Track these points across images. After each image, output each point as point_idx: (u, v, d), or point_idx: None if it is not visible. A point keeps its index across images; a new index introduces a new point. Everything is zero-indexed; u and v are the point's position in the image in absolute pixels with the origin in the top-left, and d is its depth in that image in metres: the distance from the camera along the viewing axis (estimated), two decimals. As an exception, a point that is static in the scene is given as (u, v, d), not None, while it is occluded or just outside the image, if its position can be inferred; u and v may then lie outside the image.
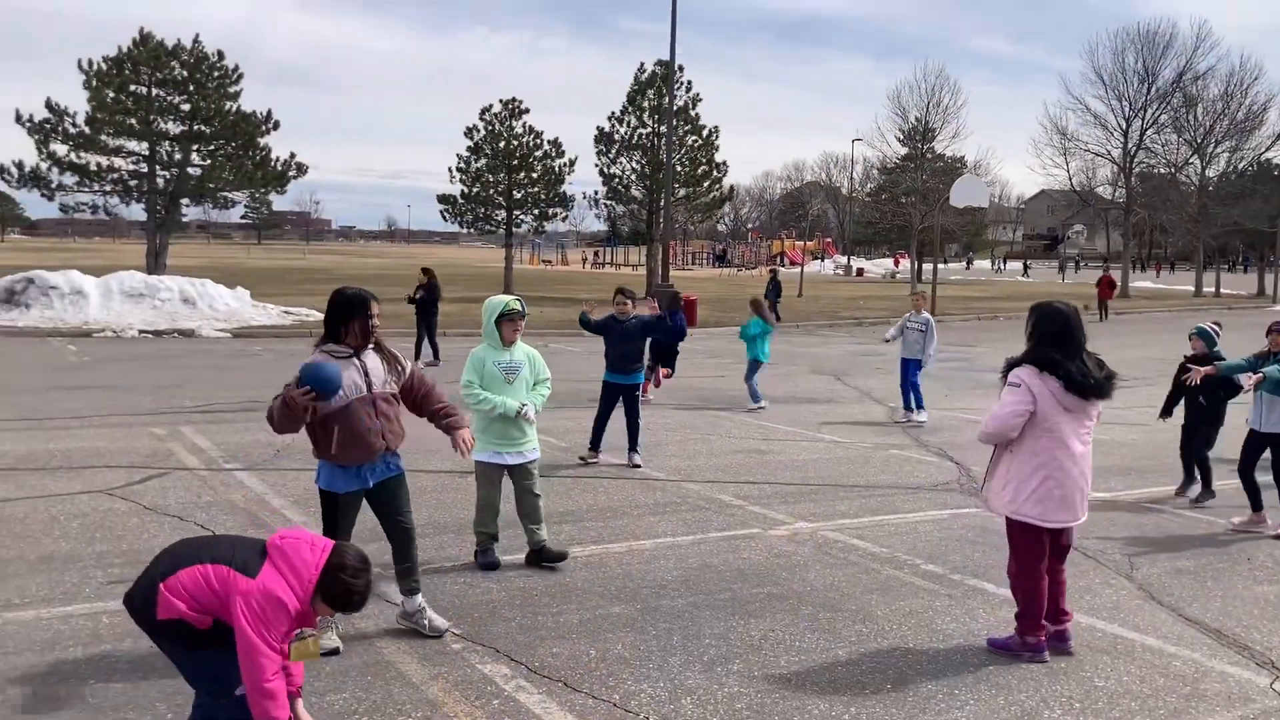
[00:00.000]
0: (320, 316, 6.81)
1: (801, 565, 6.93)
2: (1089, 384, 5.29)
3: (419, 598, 5.52)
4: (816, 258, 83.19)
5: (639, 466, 9.88)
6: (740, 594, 6.31)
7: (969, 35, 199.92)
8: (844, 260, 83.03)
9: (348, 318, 5.26)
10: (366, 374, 5.25)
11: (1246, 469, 8.21)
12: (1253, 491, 8.19)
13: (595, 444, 10.13)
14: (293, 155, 35.48)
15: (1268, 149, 54.04)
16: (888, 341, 14.47)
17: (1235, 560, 7.31)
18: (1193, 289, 53.66)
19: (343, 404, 5.13)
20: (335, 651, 5.08)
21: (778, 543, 7.47)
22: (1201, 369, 8.12)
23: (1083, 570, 6.85)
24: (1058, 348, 5.34)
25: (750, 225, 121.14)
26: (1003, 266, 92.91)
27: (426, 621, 5.45)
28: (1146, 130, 51.55)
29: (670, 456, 10.55)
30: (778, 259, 75.34)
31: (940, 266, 54.47)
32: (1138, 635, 5.76)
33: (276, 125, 35.16)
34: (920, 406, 13.44)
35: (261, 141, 35.21)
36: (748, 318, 14.60)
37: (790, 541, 7.50)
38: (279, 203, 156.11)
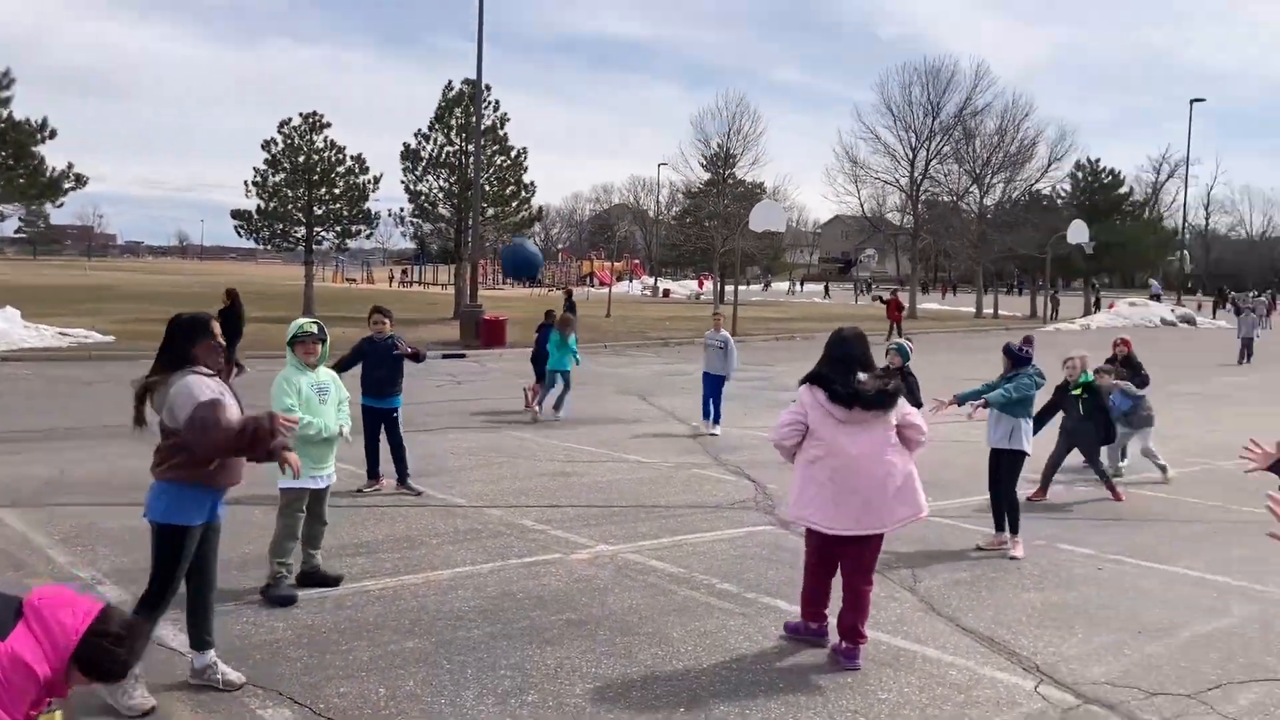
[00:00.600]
0: (101, 338, 6.48)
1: (601, 589, 6.93)
2: (851, 394, 5.64)
3: (211, 652, 5.18)
4: (624, 279, 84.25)
5: (420, 493, 9.63)
6: (539, 622, 6.26)
7: (772, 66, 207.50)
8: (651, 281, 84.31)
9: (192, 341, 5.02)
10: (234, 397, 5.07)
11: (992, 486, 8.46)
12: (996, 511, 8.42)
13: (372, 472, 9.83)
14: (70, 165, 33.33)
15: (1037, 181, 58.17)
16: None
17: (1007, 570, 7.75)
18: (974, 310, 56.96)
19: None
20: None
21: (579, 567, 7.45)
22: (945, 403, 8.52)
23: (869, 584, 7.11)
24: (834, 365, 5.78)
25: (561, 245, 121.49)
26: (799, 288, 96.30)
27: (219, 676, 5.12)
28: (931, 160, 54.54)
29: (473, 481, 10.40)
30: (587, 279, 75.85)
31: (741, 288, 56.04)
32: (918, 647, 6.02)
33: (53, 134, 32.92)
34: (717, 420, 14.17)
35: (36, 151, 32.93)
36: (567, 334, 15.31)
37: (591, 565, 7.50)
38: (57, 216, 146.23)
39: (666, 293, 76.40)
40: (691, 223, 60.58)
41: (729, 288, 49.86)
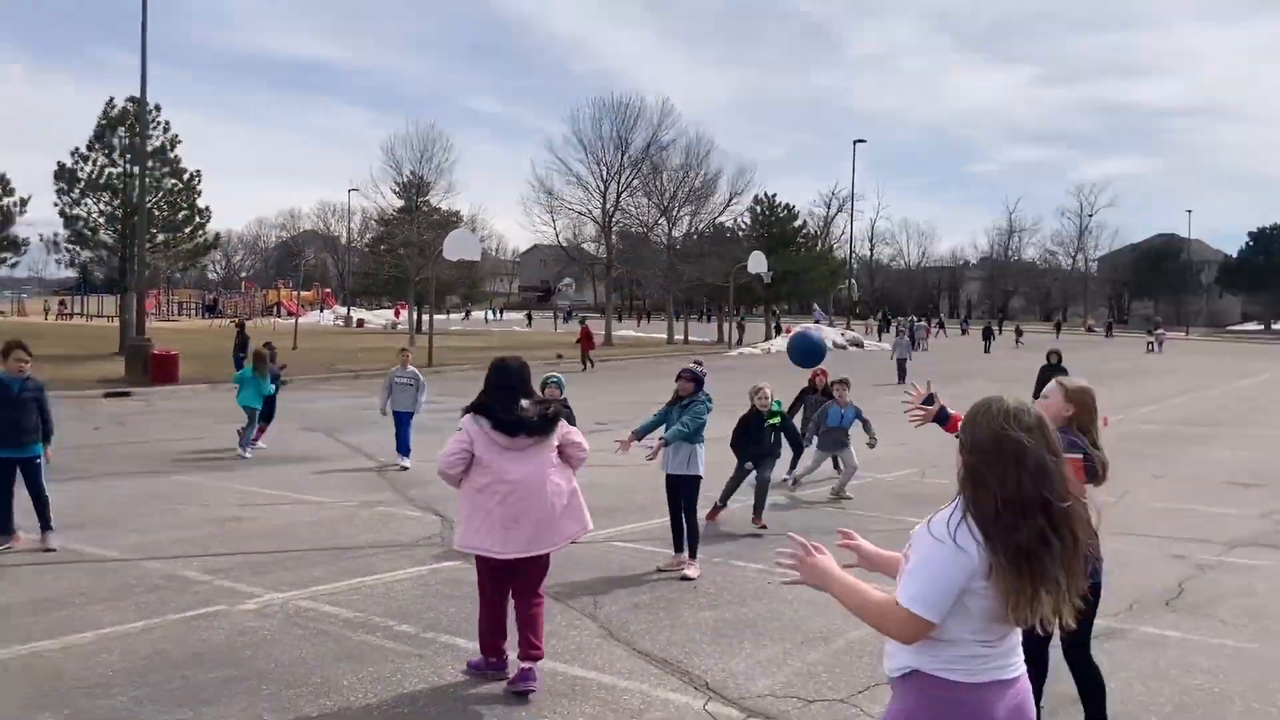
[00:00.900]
0: None
1: (268, 641, 6.51)
2: (514, 421, 5.79)
3: None
4: (315, 308, 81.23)
5: (53, 550, 8.74)
6: (195, 681, 5.78)
7: (467, 94, 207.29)
8: (344, 311, 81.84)
9: None
10: None
11: (672, 510, 8.70)
12: (676, 533, 8.65)
13: (4, 528, 8.81)
14: None
15: (720, 214, 61.35)
16: (385, 414, 14.31)
17: (685, 591, 7.97)
18: (666, 337, 59.15)
19: None
20: None
21: (244, 619, 6.97)
22: (626, 442, 8.70)
23: (550, 614, 7.08)
24: (496, 394, 5.89)
25: (244, 274, 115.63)
26: (499, 316, 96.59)
27: None
28: (622, 193, 56.28)
29: (128, 532, 9.54)
30: (274, 309, 72.51)
31: (440, 317, 55.36)
32: (595, 674, 6.04)
33: None
34: (406, 453, 13.93)
35: None
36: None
37: (258, 616, 7.04)
38: None
39: (361, 323, 74.38)
40: (386, 250, 59.22)
41: (426, 317, 49.16)
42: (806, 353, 10.74)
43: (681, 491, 8.64)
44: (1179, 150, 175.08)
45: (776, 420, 10.44)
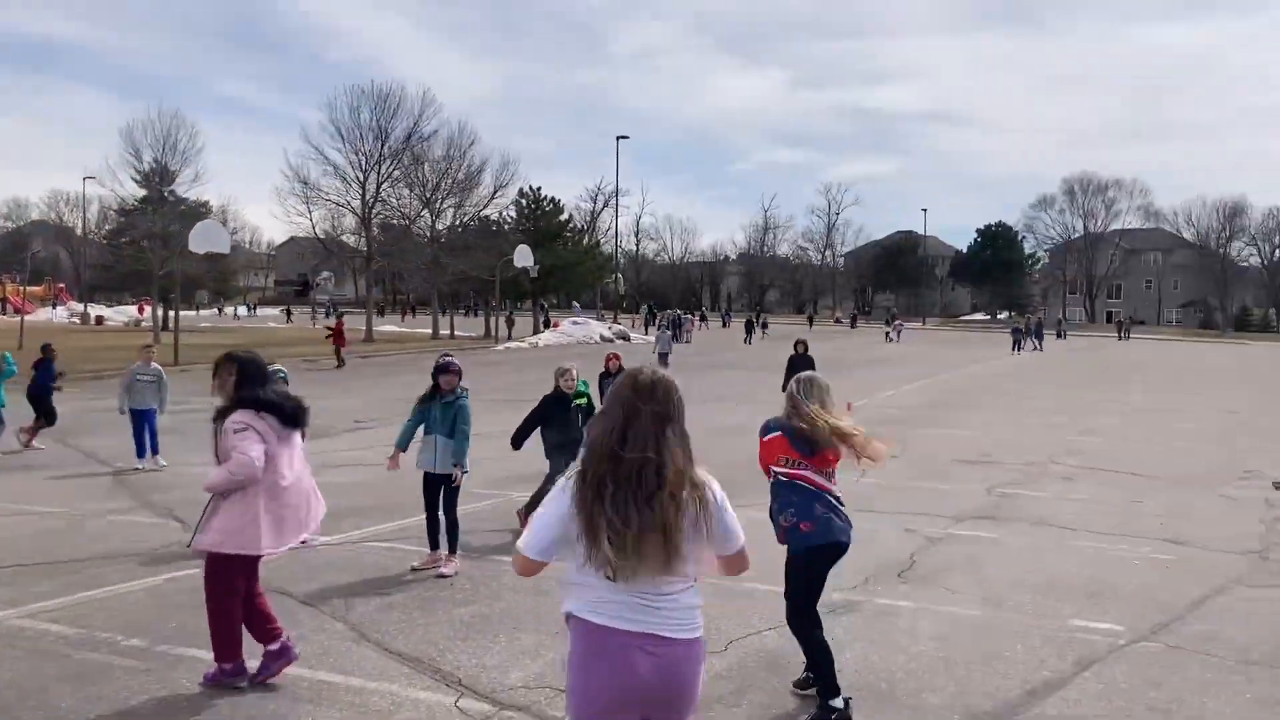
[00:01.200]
0: None
1: (-25, 666, 5.95)
2: (295, 412, 5.86)
3: None
4: (48, 304, 75.26)
5: None
6: (-115, 716, 5.21)
7: (218, 79, 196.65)
8: (80, 307, 76.20)
9: None
10: None
11: (429, 507, 8.49)
12: (432, 531, 8.47)
13: None
14: None
15: (485, 207, 60.87)
16: (123, 413, 13.51)
17: (441, 587, 7.84)
18: (431, 332, 58.20)
19: None
20: None
21: (-52, 643, 6.35)
22: (393, 459, 8.59)
23: (298, 619, 6.82)
24: (263, 387, 5.85)
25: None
26: (252, 312, 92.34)
27: None
28: (382, 184, 54.81)
29: None
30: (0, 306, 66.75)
31: (189, 313, 52.35)
32: (342, 678, 5.85)
33: None
34: (155, 451, 13.49)
35: None
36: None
37: (-35, 639, 6.43)
38: None
39: (100, 320, 69.50)
40: (127, 243, 55.51)
41: (173, 313, 46.46)
42: None
43: (444, 488, 8.37)
44: (915, 153, 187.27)
45: (584, 400, 9.88)
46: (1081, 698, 5.75)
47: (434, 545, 8.45)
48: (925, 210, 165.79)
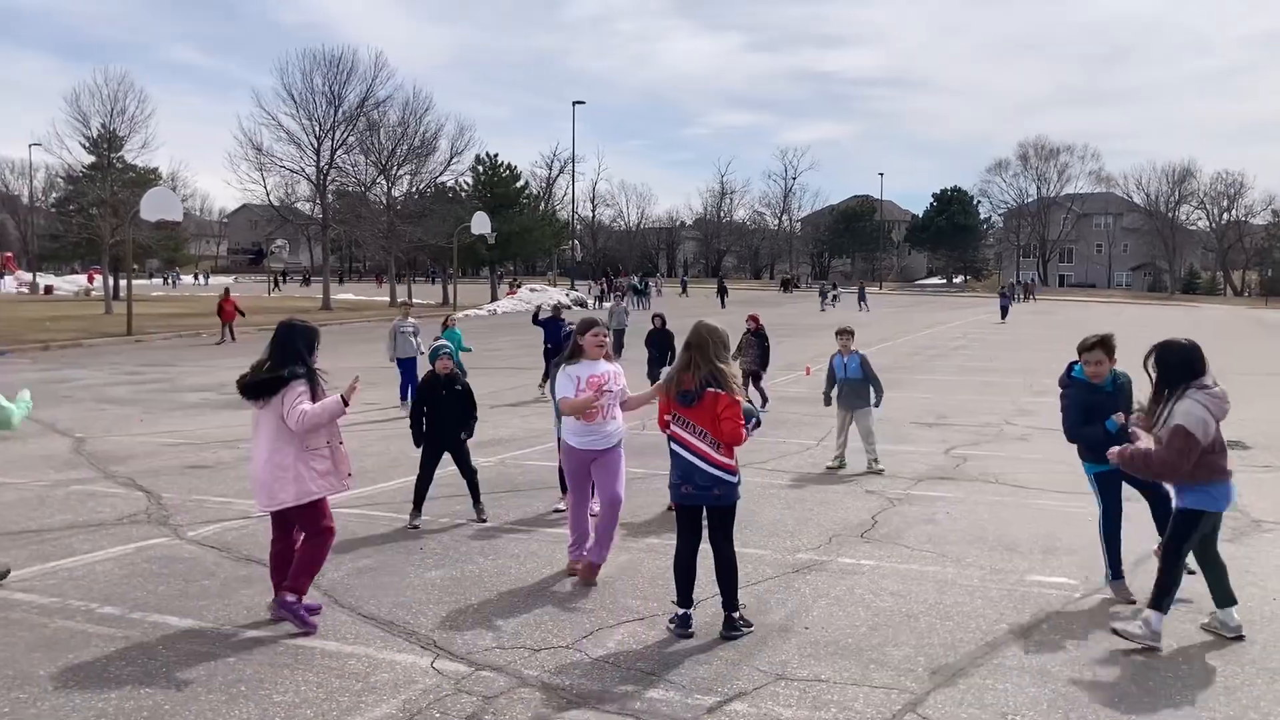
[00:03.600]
0: None
1: (-52, 636, 5.95)
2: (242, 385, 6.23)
3: None
4: (-5, 274, 73.89)
5: None
6: None
7: (167, 43, 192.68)
8: (29, 277, 74.82)
9: None
10: None
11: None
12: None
13: None
14: None
15: (441, 173, 60.39)
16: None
17: (410, 552, 7.91)
18: (388, 300, 57.80)
19: None
20: None
21: (-82, 614, 6.34)
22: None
23: (271, 586, 6.86)
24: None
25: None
26: (204, 281, 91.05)
27: None
28: (337, 150, 54.18)
29: None
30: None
31: (143, 282, 51.51)
32: (319, 642, 5.92)
33: None
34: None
35: None
36: None
37: (-65, 610, 6.42)
38: None
39: (49, 289, 68.38)
40: (75, 211, 54.53)
41: (126, 282, 45.81)
42: None
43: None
44: (871, 117, 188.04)
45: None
46: (1039, 649, 5.94)
47: (564, 489, 8.59)
48: (882, 174, 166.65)
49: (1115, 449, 6.35)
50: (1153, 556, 6.96)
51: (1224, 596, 6.27)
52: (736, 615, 6.15)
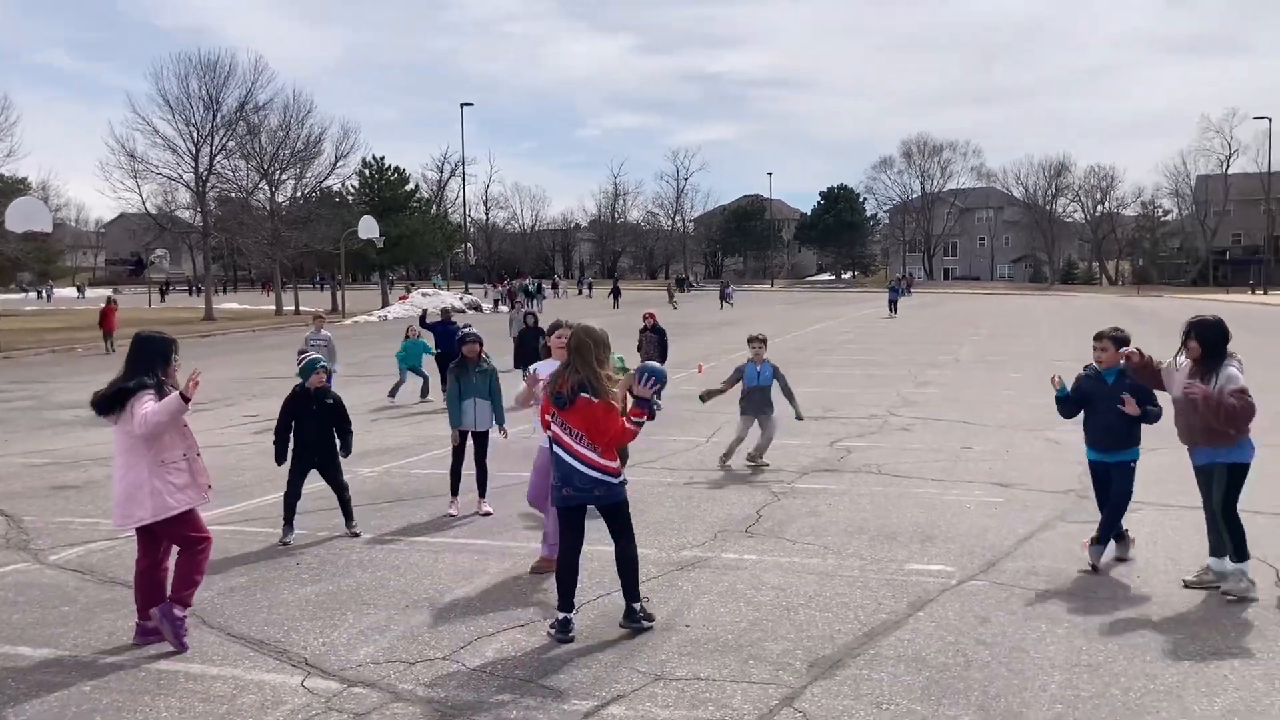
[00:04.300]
0: None
1: None
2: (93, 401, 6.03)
3: None
4: None
5: None
6: None
7: (36, 46, 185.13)
8: (-112, 293, 71.13)
9: None
10: None
11: (457, 461, 9.37)
12: (456, 482, 9.33)
13: None
14: None
15: (326, 178, 59.21)
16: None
17: (285, 568, 7.67)
18: (274, 308, 56.42)
19: None
20: None
21: None
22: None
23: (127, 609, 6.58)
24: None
25: None
26: (82, 294, 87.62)
27: None
28: (216, 156, 52.59)
29: None
30: None
31: (13, 296, 49.24)
32: (182, 665, 5.69)
33: None
34: None
35: None
36: None
37: None
38: None
39: (-88, 306, 64.99)
40: (-64, 224, 51.89)
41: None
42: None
43: (475, 443, 9.34)
44: (761, 117, 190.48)
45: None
46: (915, 636, 6.03)
47: (455, 493, 9.36)
48: (770, 174, 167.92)
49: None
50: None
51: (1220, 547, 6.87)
52: (638, 606, 6.19)
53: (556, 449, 6.12)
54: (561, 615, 6.08)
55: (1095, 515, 8.19)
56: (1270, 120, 76.57)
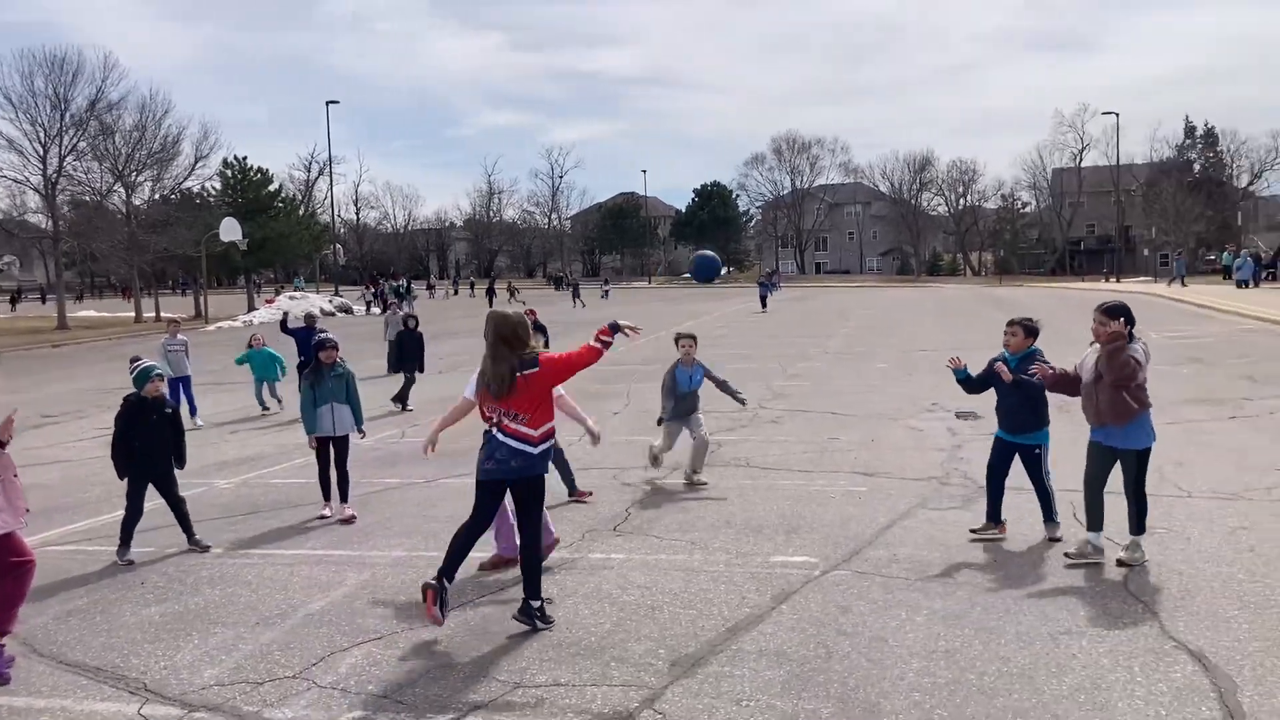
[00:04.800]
0: None
1: None
2: None
3: None
4: None
5: None
6: None
7: None
8: None
9: None
10: None
11: (323, 467, 9.30)
12: (325, 487, 9.22)
13: None
14: None
15: (186, 179, 57.11)
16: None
17: (129, 588, 7.29)
18: (134, 315, 54.21)
19: None
20: None
21: None
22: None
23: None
24: None
25: None
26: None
27: None
28: (66, 157, 50.21)
29: None
30: None
31: None
32: (6, 699, 5.33)
33: None
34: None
35: None
36: None
37: None
38: None
39: None
40: None
41: None
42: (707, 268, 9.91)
43: (336, 449, 9.20)
44: (634, 115, 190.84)
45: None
46: (777, 630, 6.03)
47: (327, 497, 9.22)
48: (645, 171, 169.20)
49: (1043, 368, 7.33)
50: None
51: (1100, 521, 7.24)
52: (536, 605, 6.15)
53: (495, 431, 6.15)
54: (436, 578, 6.04)
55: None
56: (1118, 115, 79.95)
